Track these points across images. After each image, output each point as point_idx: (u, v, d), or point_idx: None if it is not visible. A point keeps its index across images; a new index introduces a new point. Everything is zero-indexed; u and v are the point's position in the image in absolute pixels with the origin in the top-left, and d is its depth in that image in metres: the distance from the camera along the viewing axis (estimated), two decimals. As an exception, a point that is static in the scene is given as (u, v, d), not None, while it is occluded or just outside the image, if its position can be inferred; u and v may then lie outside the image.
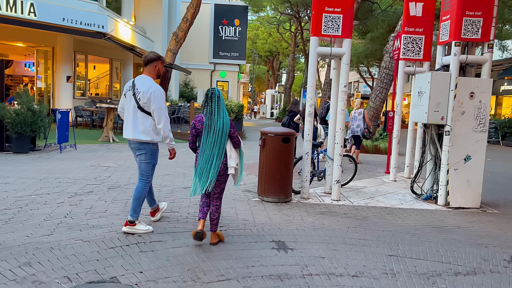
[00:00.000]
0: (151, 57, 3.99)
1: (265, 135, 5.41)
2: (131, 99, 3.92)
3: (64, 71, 14.46)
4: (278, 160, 5.32)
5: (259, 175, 5.53)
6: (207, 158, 3.72)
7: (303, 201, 5.62)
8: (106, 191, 5.55)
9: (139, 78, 3.98)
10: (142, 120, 3.87)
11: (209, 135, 3.73)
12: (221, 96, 3.80)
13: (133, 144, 3.96)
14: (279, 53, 46.93)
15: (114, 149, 10.00)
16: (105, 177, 6.52)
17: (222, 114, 3.77)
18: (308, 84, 5.74)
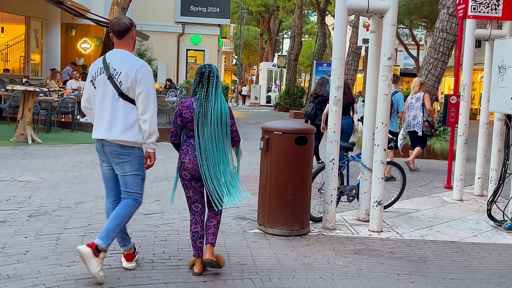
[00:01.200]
0: (129, 22, 4.04)
1: (269, 133, 5.40)
2: (106, 85, 3.96)
3: (-45, 35, 14.24)
4: (290, 171, 5.32)
5: (260, 193, 5.54)
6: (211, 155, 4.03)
7: (327, 233, 5.62)
8: (26, 220, 5.46)
9: (112, 54, 4.04)
10: (125, 112, 3.94)
11: (205, 127, 4.03)
12: (219, 76, 4.10)
13: (111, 147, 3.99)
14: (278, 8, 47.17)
15: (35, 154, 9.88)
16: (23, 198, 6.42)
17: (219, 99, 4.08)
18: (334, 54, 5.70)
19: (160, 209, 6.17)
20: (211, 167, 4.05)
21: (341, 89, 5.72)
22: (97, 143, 4.08)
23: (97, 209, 6.04)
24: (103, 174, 4.19)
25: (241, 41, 48.84)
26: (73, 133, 13.23)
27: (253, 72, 72.87)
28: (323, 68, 23.57)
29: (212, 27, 26.76)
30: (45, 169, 8.39)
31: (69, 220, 5.50)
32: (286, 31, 59.77)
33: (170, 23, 26.25)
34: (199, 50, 27.36)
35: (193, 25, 26.55)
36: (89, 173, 8.30)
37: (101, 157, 4.12)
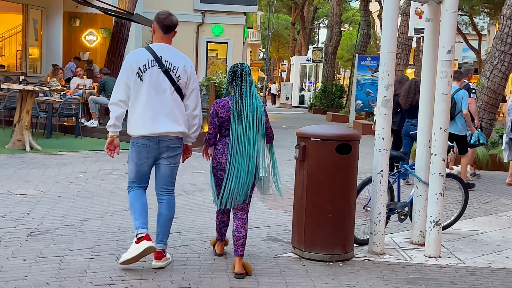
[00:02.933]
0: (177, 21, 4.87)
1: (305, 140, 5.40)
2: (160, 78, 4.69)
3: None
4: (330, 185, 5.31)
5: (295, 211, 5.53)
6: (241, 155, 4.71)
7: (374, 258, 5.57)
8: (25, 240, 5.52)
9: (160, 48, 4.77)
10: (179, 106, 4.78)
11: (240, 125, 4.72)
12: (251, 74, 4.75)
13: (169, 141, 4.79)
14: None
15: (33, 163, 10.03)
16: (20, 214, 6.49)
17: (254, 97, 4.76)
18: (383, 47, 5.67)
19: (178, 228, 6.19)
20: (243, 165, 4.74)
21: (391, 87, 5.67)
22: (149, 140, 4.72)
23: (105, 227, 6.10)
24: (142, 171, 4.86)
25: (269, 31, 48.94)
26: (77, 139, 13.43)
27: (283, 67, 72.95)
28: (366, 62, 23.43)
29: (236, 15, 26.89)
30: (46, 181, 8.50)
31: (74, 240, 5.55)
32: (323, 19, 59.74)
33: (188, 12, 26.44)
34: (221, 42, 27.51)
35: (214, 14, 26.71)
36: (96, 186, 8.39)
37: (147, 155, 4.78)
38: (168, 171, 4.89)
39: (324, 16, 57.13)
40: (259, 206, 7.51)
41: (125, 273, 4.70)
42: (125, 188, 8.02)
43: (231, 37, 27.23)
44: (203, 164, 10.85)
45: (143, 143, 4.74)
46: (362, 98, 23.23)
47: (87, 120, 14.62)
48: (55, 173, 9.22)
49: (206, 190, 8.39)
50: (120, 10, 16.43)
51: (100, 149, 12.20)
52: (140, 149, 4.77)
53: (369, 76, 23.11)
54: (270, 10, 47.69)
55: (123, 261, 4.73)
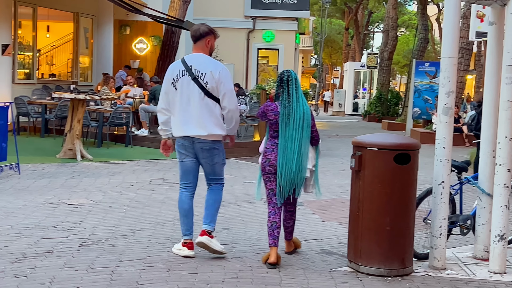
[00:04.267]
0: (204, 30, 5.45)
1: (362, 149, 5.36)
2: (190, 86, 5.32)
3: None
4: (388, 197, 5.26)
5: (351, 223, 5.50)
6: (288, 155, 5.28)
7: (435, 273, 5.48)
8: (76, 250, 5.63)
9: (192, 57, 5.43)
10: (212, 110, 5.35)
11: (288, 127, 5.28)
12: (298, 79, 5.36)
13: (202, 143, 5.39)
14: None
15: (84, 172, 10.24)
16: (72, 223, 6.62)
17: (301, 101, 5.33)
18: (444, 52, 5.58)
19: (230, 240, 6.21)
20: (287, 164, 5.30)
21: (453, 94, 5.57)
22: (185, 140, 5.41)
23: (156, 237, 6.17)
24: (185, 167, 5.54)
25: (322, 37, 48.86)
26: (128, 148, 13.65)
27: (336, 74, 72.62)
28: (424, 68, 23.11)
29: (288, 21, 26.92)
30: (97, 190, 8.67)
31: (125, 251, 5.64)
32: (378, 24, 59.21)
33: (238, 18, 26.64)
34: (272, 49, 27.57)
35: (265, 20, 26.80)
36: (147, 195, 8.51)
37: (186, 152, 5.46)
38: (209, 170, 5.56)
39: (379, 20, 56.65)
40: (312, 218, 7.48)
41: (177, 284, 4.75)
42: (175, 198, 8.15)
43: (283, 44, 27.26)
44: (254, 174, 10.90)
45: (180, 142, 5.49)
46: (420, 105, 22.91)
47: (138, 129, 14.85)
48: (106, 182, 9.40)
49: (258, 201, 8.40)
50: (170, 17, 16.66)
51: (150, 158, 12.40)
52: (180, 147, 5.52)
53: (427, 82, 22.79)
54: (323, 15, 47.63)
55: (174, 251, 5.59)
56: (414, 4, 46.98)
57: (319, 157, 5.62)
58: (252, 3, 26.40)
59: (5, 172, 9.58)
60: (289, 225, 5.66)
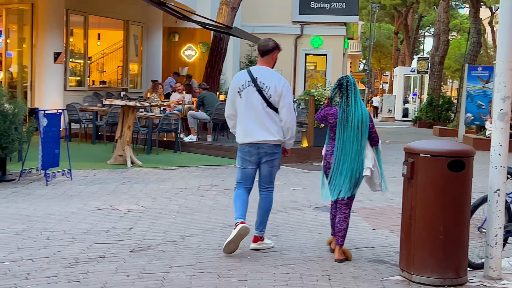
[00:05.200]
0: (272, 45, 5.94)
1: (414, 156, 5.31)
2: (255, 96, 5.80)
3: (50, 45, 15.49)
4: (441, 205, 5.19)
5: (403, 231, 5.44)
6: (345, 155, 5.65)
7: (490, 283, 5.38)
8: (128, 256, 5.72)
9: (257, 70, 5.91)
10: (274, 119, 5.83)
11: (346, 130, 5.63)
12: (356, 85, 5.67)
13: (267, 148, 5.85)
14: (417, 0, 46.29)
15: (135, 178, 10.43)
16: (123, 229, 6.74)
17: (360, 105, 5.66)
18: (499, 56, 5.48)
19: (279, 247, 6.22)
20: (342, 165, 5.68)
21: (509, 100, 5.45)
22: (251, 146, 5.86)
23: (206, 244, 6.22)
24: (246, 174, 5.98)
25: (371, 42, 48.46)
26: (176, 154, 13.81)
27: (385, 79, 71.91)
28: (477, 73, 22.66)
29: (336, 26, 26.84)
30: (147, 196, 8.81)
31: (175, 257, 5.71)
32: (428, 28, 58.46)
33: (286, 24, 26.69)
34: (320, 54, 27.53)
35: (313, 25, 26.78)
36: (196, 202, 8.60)
37: (250, 158, 5.90)
38: (267, 172, 5.96)
39: (429, 24, 55.90)
40: (363, 226, 7.43)
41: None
42: (224, 205, 8.29)
43: (331, 49, 27.18)
44: (302, 181, 10.91)
45: (246, 149, 5.91)
46: (473, 111, 22.47)
47: (186, 135, 15.01)
48: (155, 188, 9.53)
49: (306, 208, 8.40)
50: (219, 24, 16.80)
51: (199, 165, 12.52)
52: (244, 154, 5.94)
53: (480, 87, 22.34)
54: (372, 19, 47.23)
55: (224, 246, 5.76)
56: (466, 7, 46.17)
57: (380, 156, 5.93)
58: (300, 8, 26.42)
59: (57, 177, 9.82)
60: (342, 228, 5.79)
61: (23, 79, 16.32)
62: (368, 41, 50.01)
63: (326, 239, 6.54)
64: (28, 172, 9.74)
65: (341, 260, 5.74)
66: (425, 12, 47.99)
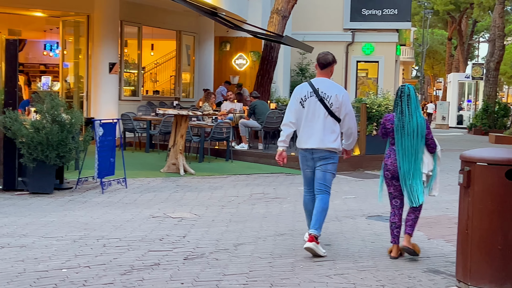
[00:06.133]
0: (332, 59, 6.38)
1: (470, 165, 5.20)
2: (317, 105, 6.22)
3: (106, 55, 15.85)
4: (499, 214, 5.06)
5: (459, 241, 5.34)
6: (403, 162, 5.97)
7: (550, 296, 5.15)
8: (182, 263, 5.77)
9: (318, 81, 6.34)
10: (333, 127, 6.23)
11: (403, 138, 5.98)
12: (412, 93, 6.03)
13: (320, 153, 6.23)
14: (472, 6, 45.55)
15: (187, 186, 10.55)
16: (177, 237, 6.82)
17: (415, 114, 6.00)
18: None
19: (332, 256, 6.18)
20: (406, 170, 5.97)
21: None
22: (307, 152, 6.29)
23: (258, 252, 6.23)
24: (306, 177, 6.42)
25: (424, 48, 47.83)
26: (228, 162, 13.89)
27: (438, 85, 70.82)
28: (534, 78, 22.14)
29: (388, 32, 26.60)
30: (199, 204, 8.89)
31: (228, 265, 5.73)
32: (483, 33, 57.32)
33: (337, 31, 26.61)
34: (371, 61, 27.34)
35: (365, 32, 26.61)
36: (248, 210, 8.63)
37: (307, 163, 6.34)
38: (321, 175, 6.29)
39: (484, 29, 54.83)
40: (417, 235, 7.28)
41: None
42: (276, 213, 8.36)
43: (383, 56, 26.95)
44: (354, 189, 10.83)
45: (303, 153, 6.37)
46: (530, 118, 21.89)
47: (238, 143, 15.08)
48: (208, 196, 9.61)
49: (359, 217, 8.32)
50: (269, 33, 16.85)
51: (250, 173, 12.56)
52: (302, 158, 6.39)
53: (538, 93, 21.74)
54: (424, 25, 46.62)
55: None
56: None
57: (437, 162, 6.14)
58: (351, 15, 26.31)
59: (113, 186, 10.01)
60: (410, 218, 6.09)
61: (79, 89, 16.71)
62: (420, 47, 49.39)
63: (379, 248, 6.49)
64: (84, 180, 9.97)
65: (407, 248, 6.03)
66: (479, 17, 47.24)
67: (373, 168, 13.16)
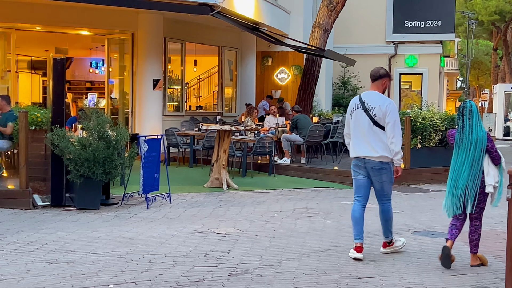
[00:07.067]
0: (383, 73, 6.72)
1: (519, 180, 5.05)
2: (362, 116, 6.57)
3: (150, 72, 16.08)
4: (550, 230, 4.89)
5: (509, 257, 5.25)
6: (457, 175, 6.23)
7: None
8: (226, 279, 5.78)
9: (366, 94, 6.72)
10: (381, 137, 6.52)
11: (460, 151, 6.24)
12: (474, 108, 6.29)
13: (372, 164, 6.55)
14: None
15: (231, 201, 10.59)
16: (221, 252, 6.84)
17: (475, 128, 6.21)
18: None
19: (378, 272, 6.10)
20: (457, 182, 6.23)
21: None
22: (358, 160, 6.63)
23: (302, 268, 6.19)
24: (358, 183, 6.70)
25: (468, 59, 47.09)
26: (271, 177, 13.88)
27: (484, 97, 69.50)
28: None
29: (432, 44, 26.32)
30: (243, 219, 8.90)
31: (273, 281, 5.71)
32: (529, 43, 56.13)
33: (379, 44, 26.45)
34: (415, 73, 27.04)
35: (408, 44, 26.38)
36: (291, 225, 8.59)
37: (359, 170, 6.65)
38: (378, 187, 6.67)
39: (530, 39, 53.66)
40: (465, 251, 7.14)
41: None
42: (320, 229, 8.31)
43: (426, 67, 26.67)
44: (399, 204, 10.67)
45: (355, 162, 6.70)
46: None
47: (280, 158, 15.06)
48: (251, 211, 9.61)
49: (404, 232, 8.19)
50: (311, 46, 16.85)
51: (293, 187, 12.52)
52: (354, 167, 6.72)
53: None
54: (469, 36, 45.93)
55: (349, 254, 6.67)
56: None
57: (503, 174, 6.18)
58: (393, 28, 26.13)
59: (158, 201, 10.10)
60: (474, 238, 6.34)
61: (124, 105, 16.96)
62: (465, 58, 48.66)
63: (426, 264, 6.42)
64: (130, 196, 10.08)
65: (477, 265, 6.32)
66: (525, 27, 46.30)
67: (418, 182, 12.98)
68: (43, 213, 9.22)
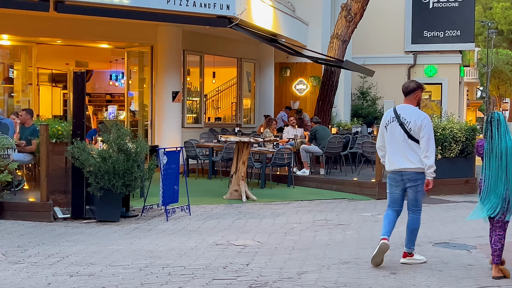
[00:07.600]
0: (413, 86, 6.86)
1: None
2: (397, 130, 6.75)
3: (169, 84, 16.16)
4: None
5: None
6: (491, 185, 6.27)
7: None
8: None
9: (401, 107, 6.85)
10: (415, 149, 6.69)
11: (491, 160, 6.30)
12: (501, 118, 6.40)
13: (408, 175, 6.74)
14: (537, 24, 44.38)
15: (250, 213, 10.57)
16: (240, 265, 6.82)
17: (504, 137, 6.33)
18: None
19: (398, 285, 6.06)
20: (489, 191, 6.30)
21: None
22: (395, 174, 6.81)
23: (322, 281, 6.15)
24: (393, 198, 6.90)
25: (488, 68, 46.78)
26: (290, 188, 13.83)
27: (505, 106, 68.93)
28: None
29: (451, 54, 26.12)
30: (262, 231, 8.86)
31: (292, 295, 5.68)
32: (550, 52, 55.67)
33: (398, 54, 26.32)
34: (435, 83, 26.84)
35: (427, 54, 26.23)
36: (311, 237, 8.55)
37: (396, 184, 6.83)
38: (412, 196, 6.85)
39: (551, 48, 53.24)
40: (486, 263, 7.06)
41: None
42: (339, 241, 8.28)
43: (446, 77, 26.49)
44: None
45: (391, 176, 6.88)
46: None
47: (299, 169, 15.02)
48: (270, 223, 9.58)
49: (425, 244, 8.11)
50: (330, 57, 16.83)
51: (312, 199, 12.47)
52: (391, 180, 6.88)
53: None
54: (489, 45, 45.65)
55: (371, 259, 6.74)
56: None
57: None
58: (412, 38, 25.98)
59: (177, 213, 10.12)
60: (497, 248, 6.35)
61: (144, 117, 17.06)
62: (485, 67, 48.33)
63: (447, 277, 6.36)
64: (149, 208, 10.11)
65: (498, 277, 6.28)
66: (546, 36, 45.94)
67: (439, 193, 12.85)
68: (63, 225, 9.27)
